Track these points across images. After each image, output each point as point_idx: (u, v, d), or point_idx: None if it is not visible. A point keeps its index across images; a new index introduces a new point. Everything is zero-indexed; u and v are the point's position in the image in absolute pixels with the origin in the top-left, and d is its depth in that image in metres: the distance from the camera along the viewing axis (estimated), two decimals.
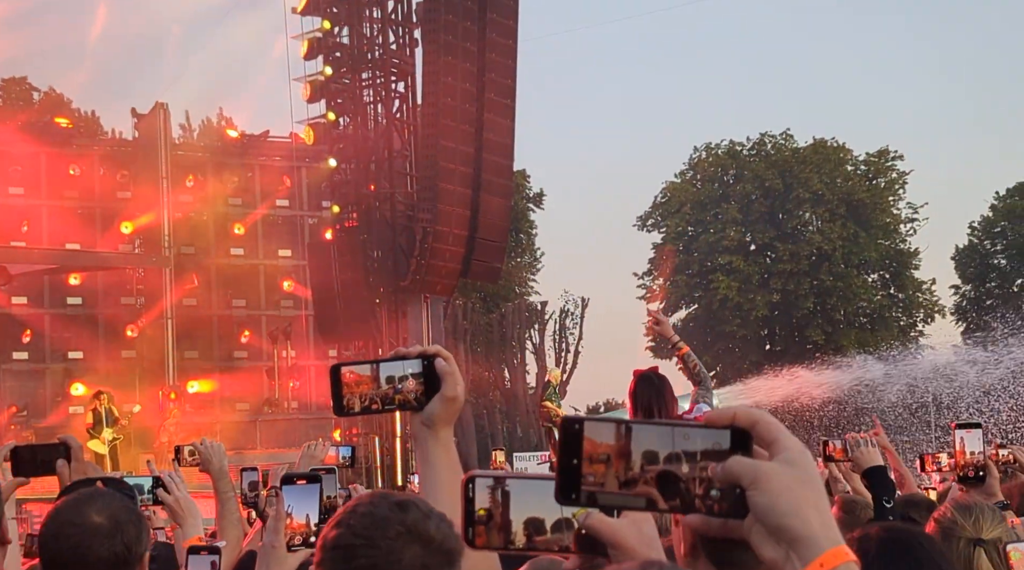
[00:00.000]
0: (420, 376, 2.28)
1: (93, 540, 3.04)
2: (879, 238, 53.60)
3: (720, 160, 55.53)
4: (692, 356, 6.56)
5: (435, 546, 2.12)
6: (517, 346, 47.31)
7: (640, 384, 6.09)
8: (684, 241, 54.96)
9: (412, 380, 2.28)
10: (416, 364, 2.29)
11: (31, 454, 4.06)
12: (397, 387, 2.29)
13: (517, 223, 49.70)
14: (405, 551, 2.11)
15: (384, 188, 30.76)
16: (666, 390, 6.07)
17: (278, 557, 2.92)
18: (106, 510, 3.11)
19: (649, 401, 5.95)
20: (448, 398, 2.28)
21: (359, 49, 30.93)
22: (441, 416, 2.28)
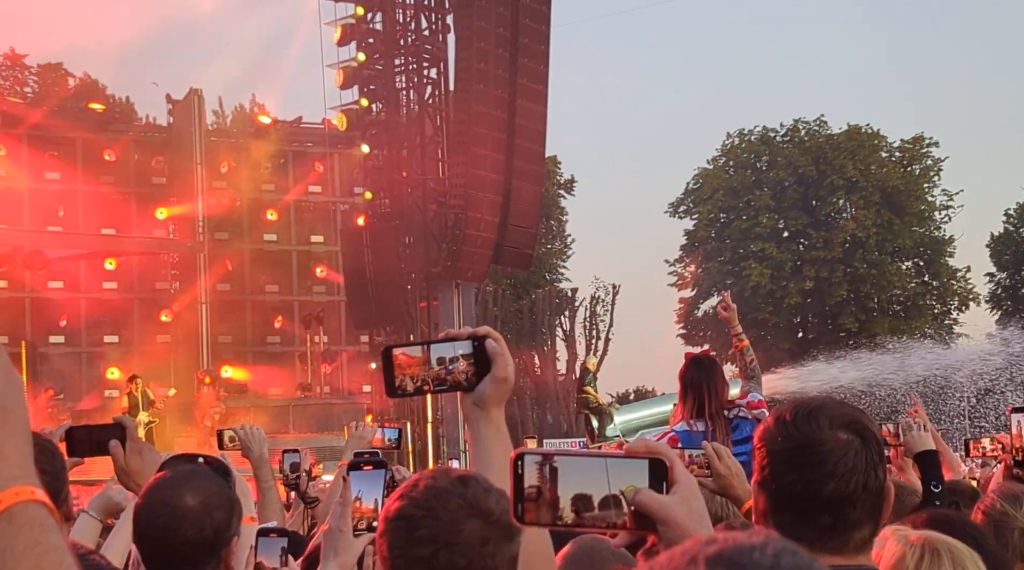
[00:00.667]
0: (471, 357, 2.30)
1: (183, 522, 3.11)
2: (913, 225, 53.22)
3: (753, 146, 55.23)
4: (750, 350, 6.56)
5: (494, 520, 2.18)
6: (547, 333, 47.28)
7: (691, 366, 6.11)
8: (716, 228, 54.75)
9: (463, 361, 2.29)
10: (467, 345, 2.30)
11: (87, 434, 4.09)
12: (448, 368, 2.29)
13: (548, 209, 49.66)
14: (465, 524, 2.17)
15: (416, 174, 30.82)
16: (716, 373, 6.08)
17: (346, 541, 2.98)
18: (201, 493, 3.18)
19: (700, 383, 5.96)
20: (499, 378, 2.29)
21: (392, 35, 30.96)
22: (492, 396, 2.29)
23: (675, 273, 56.89)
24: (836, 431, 2.17)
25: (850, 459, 2.14)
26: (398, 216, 30.76)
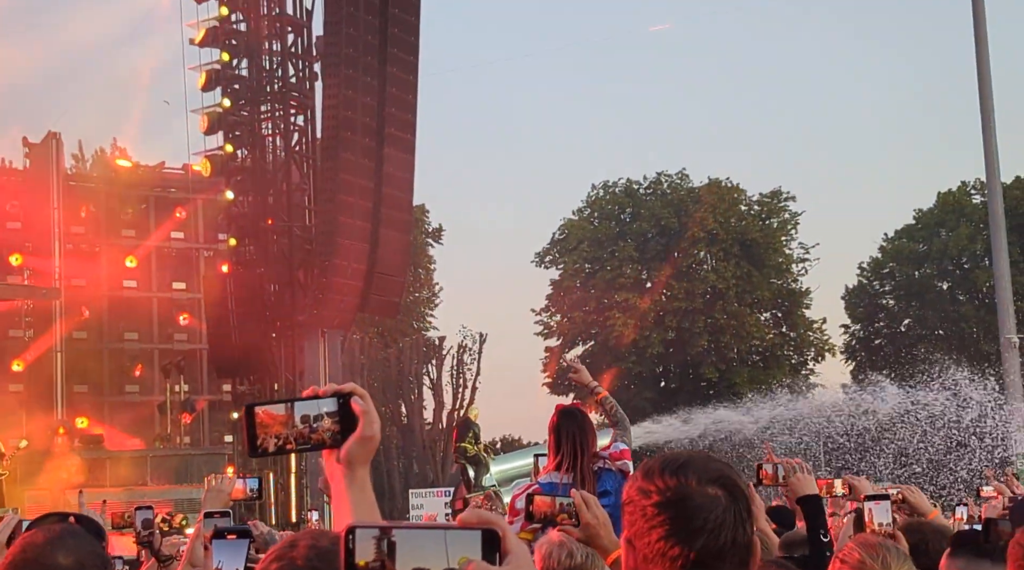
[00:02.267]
0: (335, 415, 2.23)
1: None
2: (771, 277, 54.55)
3: (617, 198, 56.11)
4: (610, 399, 6.63)
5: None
6: (414, 381, 47.09)
7: (562, 418, 6.13)
8: (581, 278, 55.34)
9: (327, 419, 2.22)
10: (331, 403, 2.23)
11: None
12: (312, 426, 2.23)
13: (416, 258, 49.60)
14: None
15: (282, 221, 30.53)
16: (586, 424, 6.11)
17: None
18: (74, 552, 3.04)
19: (572, 434, 5.97)
20: (365, 437, 2.23)
21: (258, 82, 30.74)
22: (358, 455, 2.22)
23: (541, 322, 57.27)
24: (705, 486, 2.18)
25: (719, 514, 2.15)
26: (263, 263, 30.38)
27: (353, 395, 2.25)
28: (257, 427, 2.23)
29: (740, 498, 2.21)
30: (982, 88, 32.75)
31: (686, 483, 2.19)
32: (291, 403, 2.26)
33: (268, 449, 2.25)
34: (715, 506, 2.17)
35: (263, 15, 30.93)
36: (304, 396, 2.29)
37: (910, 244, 54.81)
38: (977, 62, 32.69)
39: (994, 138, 32.79)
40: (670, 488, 2.18)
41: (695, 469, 2.21)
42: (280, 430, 2.23)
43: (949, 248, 53.19)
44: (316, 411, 2.23)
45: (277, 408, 2.25)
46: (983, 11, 32.46)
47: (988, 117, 32.68)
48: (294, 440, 2.24)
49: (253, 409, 2.25)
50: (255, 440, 2.23)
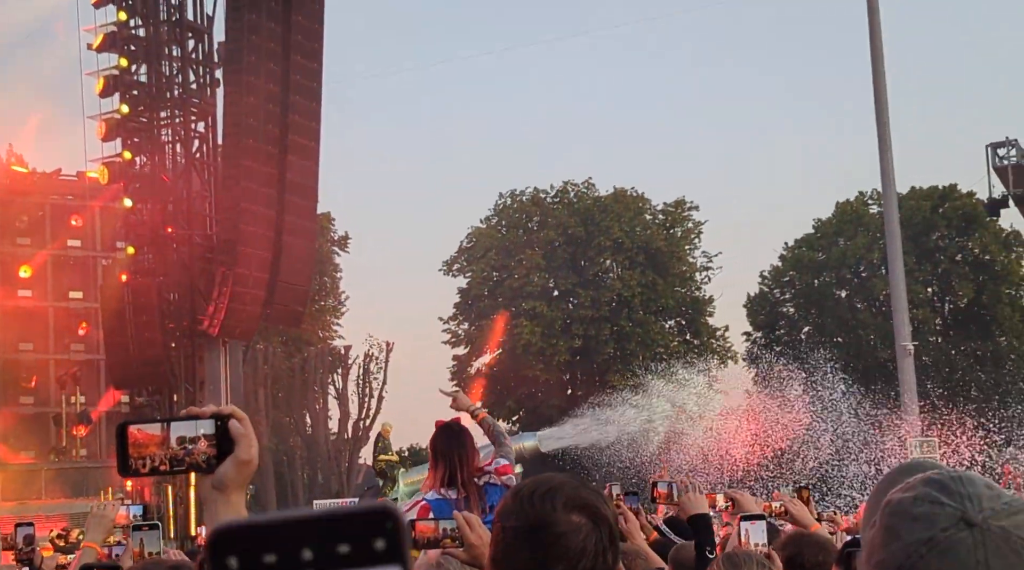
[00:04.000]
0: (212, 437, 2.19)
1: None
2: (676, 285, 55.15)
3: (524, 207, 56.31)
4: (488, 419, 6.72)
5: None
6: (320, 391, 46.73)
7: (441, 434, 6.15)
8: (489, 286, 55.41)
9: (204, 441, 2.18)
10: (209, 424, 2.19)
11: None
12: (188, 448, 2.19)
13: (322, 266, 49.24)
14: None
15: (182, 229, 30.08)
16: (466, 439, 6.13)
17: None
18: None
19: (450, 451, 5.99)
20: (241, 461, 2.18)
21: (157, 88, 30.28)
22: (233, 480, 2.18)
23: (449, 331, 57.21)
24: (570, 513, 2.19)
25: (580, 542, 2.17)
26: (162, 272, 29.91)
27: (232, 417, 2.22)
28: (130, 446, 2.19)
29: (604, 527, 2.24)
30: (878, 100, 33.46)
31: (551, 509, 2.20)
32: (167, 423, 2.22)
33: (140, 470, 2.21)
34: (577, 533, 2.18)
35: (163, 20, 30.51)
36: (181, 416, 2.25)
37: (809, 253, 55.78)
38: (873, 74, 33.40)
39: (890, 149, 33.52)
40: (535, 513, 2.19)
41: (562, 495, 2.23)
42: (155, 450, 2.19)
43: (847, 257, 54.24)
44: (193, 432, 2.20)
45: (153, 427, 2.21)
46: (879, 23, 33.18)
47: (884, 128, 33.39)
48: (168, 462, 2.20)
49: (127, 427, 2.21)
50: (127, 460, 2.19)
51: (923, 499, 1.43)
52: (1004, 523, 1.41)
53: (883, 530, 1.42)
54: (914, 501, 1.43)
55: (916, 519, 1.41)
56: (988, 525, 1.41)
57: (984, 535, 1.40)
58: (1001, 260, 53.91)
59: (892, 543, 1.40)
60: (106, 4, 29.86)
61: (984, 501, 1.43)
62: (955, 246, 54.59)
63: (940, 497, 1.42)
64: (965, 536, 1.39)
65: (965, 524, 1.40)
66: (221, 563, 0.76)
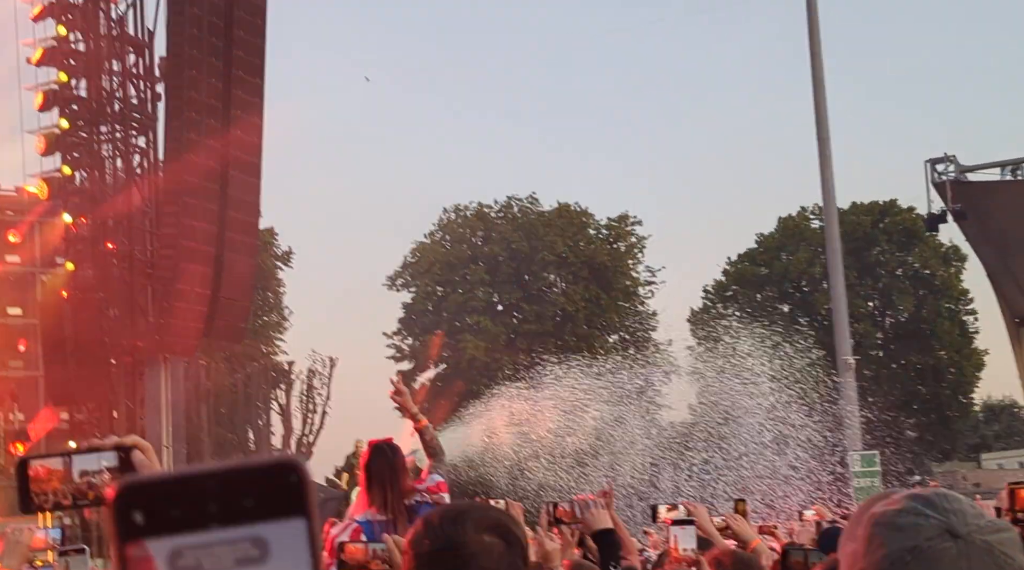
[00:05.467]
0: (116, 469, 2.16)
1: None
2: (620, 300, 55.39)
3: (469, 221, 56.38)
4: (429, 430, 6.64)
5: None
6: (263, 407, 46.48)
7: (373, 455, 6.13)
8: (433, 301, 55.37)
9: (107, 473, 2.16)
10: (112, 456, 2.17)
11: None
12: (92, 482, 2.17)
13: (265, 281, 48.97)
14: None
15: (122, 245, 29.79)
16: (398, 460, 6.12)
17: None
18: None
19: (382, 472, 5.99)
20: None
21: (98, 102, 29.99)
22: None
23: (393, 346, 57.07)
24: (481, 534, 2.21)
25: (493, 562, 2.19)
26: (103, 288, 29.60)
27: (135, 448, 2.20)
28: (31, 482, 2.17)
29: (516, 546, 2.26)
30: (818, 115, 33.85)
31: (463, 530, 2.22)
32: (69, 456, 2.20)
33: (44, 505, 2.18)
34: (489, 553, 2.20)
35: (103, 35, 30.23)
36: (82, 449, 2.22)
37: (752, 267, 56.27)
38: (813, 89, 33.76)
39: (831, 164, 33.87)
40: (447, 536, 2.21)
41: (472, 517, 2.25)
42: (57, 485, 2.17)
43: (789, 271, 54.79)
44: (96, 466, 2.18)
45: (54, 462, 2.19)
46: (818, 37, 33.54)
47: (825, 144, 33.76)
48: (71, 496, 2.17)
49: (26, 463, 2.18)
50: (28, 496, 2.16)
51: (908, 511, 1.45)
52: (988, 538, 1.43)
53: (867, 540, 1.44)
54: (899, 513, 1.45)
55: (901, 529, 1.43)
56: (972, 538, 1.42)
57: (969, 547, 1.41)
58: (941, 274, 54.71)
59: (875, 552, 1.41)
60: (45, 18, 29.56)
61: (969, 517, 1.45)
62: (896, 261, 55.33)
63: (925, 510, 1.44)
64: (950, 546, 1.41)
65: (950, 535, 1.42)
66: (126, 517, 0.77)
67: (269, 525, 0.77)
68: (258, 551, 0.77)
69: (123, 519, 0.79)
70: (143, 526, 0.77)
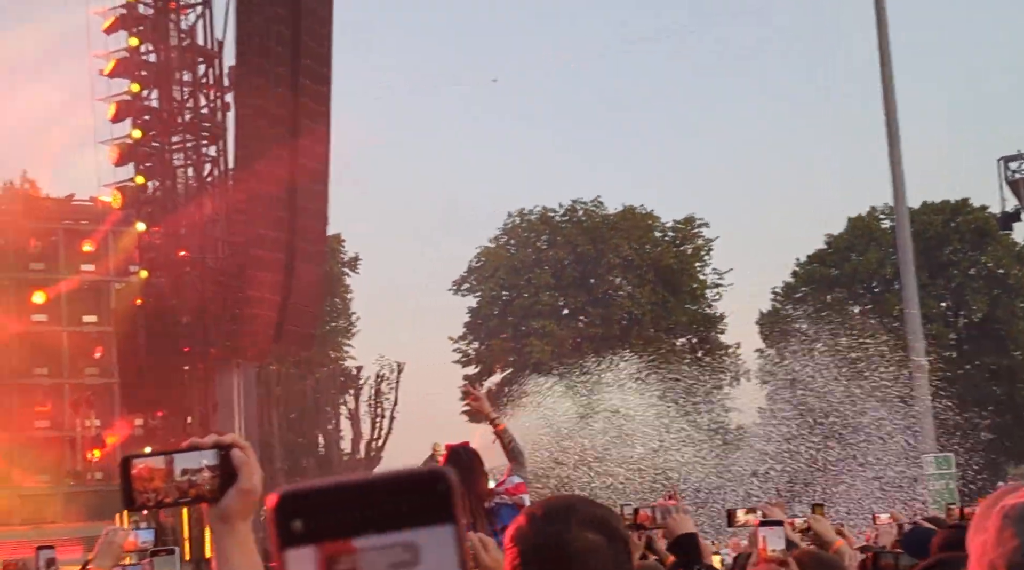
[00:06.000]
0: (216, 468, 2.19)
1: None
2: (687, 303, 55.08)
3: (533, 226, 56.38)
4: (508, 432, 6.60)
5: None
6: (332, 412, 46.80)
7: (450, 460, 6.13)
8: (499, 305, 55.42)
9: (207, 471, 2.18)
10: (212, 455, 2.19)
11: None
12: (192, 480, 2.19)
13: (332, 287, 49.34)
14: None
15: (195, 253, 30.18)
16: (475, 465, 6.12)
17: None
18: None
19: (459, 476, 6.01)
20: (244, 490, 2.17)
21: (169, 112, 30.42)
22: (237, 510, 2.18)
23: (459, 350, 57.20)
24: (585, 531, 2.20)
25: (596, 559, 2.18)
26: (175, 296, 29.99)
27: (234, 447, 2.23)
28: (135, 480, 2.19)
29: (619, 543, 2.25)
30: (889, 114, 33.44)
31: (566, 527, 2.21)
32: (171, 455, 2.22)
33: (147, 503, 2.21)
34: (594, 552, 2.20)
35: (173, 45, 30.65)
36: (184, 447, 2.25)
37: (822, 269, 55.69)
38: (883, 87, 33.37)
39: (901, 163, 33.45)
40: (550, 533, 2.21)
41: (576, 514, 2.24)
42: (159, 484, 2.19)
43: (859, 272, 54.14)
44: (197, 464, 2.20)
45: (157, 461, 2.21)
46: (888, 36, 33.17)
47: (895, 143, 33.34)
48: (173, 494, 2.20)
49: (130, 461, 2.21)
50: (131, 494, 2.19)
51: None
52: None
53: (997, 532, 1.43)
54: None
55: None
56: None
57: None
58: (1015, 273, 53.80)
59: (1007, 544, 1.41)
60: (117, 30, 30.05)
61: None
62: (968, 260, 54.48)
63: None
64: None
65: None
66: (286, 525, 0.80)
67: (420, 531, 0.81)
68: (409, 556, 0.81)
69: (283, 526, 0.82)
70: (302, 533, 0.81)
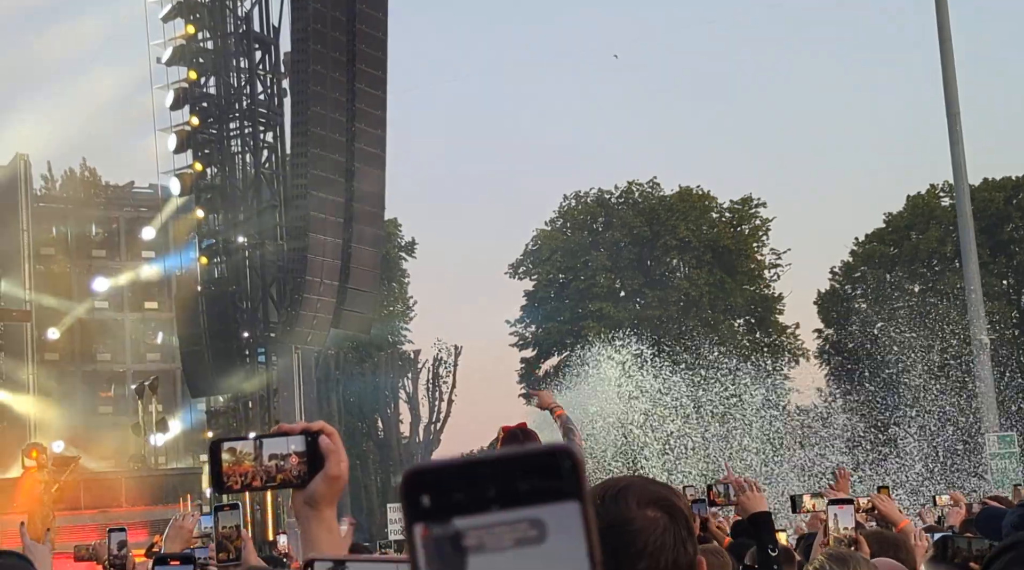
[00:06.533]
0: (303, 453, 2.22)
1: None
2: (744, 284, 54.74)
3: (589, 208, 56.25)
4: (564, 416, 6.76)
5: None
6: (390, 395, 47.07)
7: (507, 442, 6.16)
8: (555, 288, 55.40)
9: (295, 457, 2.22)
10: (299, 441, 2.23)
11: None
12: (280, 464, 2.22)
13: (390, 272, 49.57)
14: None
15: (253, 239, 30.46)
16: None
17: None
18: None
19: None
20: (331, 476, 2.21)
21: (226, 99, 30.69)
22: (324, 495, 2.21)
23: (516, 333, 57.27)
24: (644, 509, 2.19)
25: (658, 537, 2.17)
26: (235, 281, 30.31)
27: (321, 433, 2.25)
28: (224, 463, 2.23)
29: (680, 519, 2.23)
30: (948, 91, 32.96)
31: (626, 507, 2.20)
32: (260, 440, 2.26)
33: (234, 487, 2.25)
34: (655, 529, 2.19)
35: (230, 32, 30.91)
36: (272, 433, 2.28)
37: (881, 247, 55.08)
38: (942, 63, 32.89)
39: (961, 140, 32.96)
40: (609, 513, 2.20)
41: (634, 492, 2.22)
42: (247, 467, 2.23)
43: (920, 250, 53.50)
44: (285, 449, 2.23)
45: (246, 445, 2.24)
46: (947, 10, 32.67)
47: (955, 120, 32.86)
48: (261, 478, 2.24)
49: (220, 445, 2.25)
50: (220, 476, 2.23)
51: None
52: None
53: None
54: None
55: None
56: None
57: None
58: None
59: None
60: (174, 18, 30.34)
61: None
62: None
63: None
64: None
65: None
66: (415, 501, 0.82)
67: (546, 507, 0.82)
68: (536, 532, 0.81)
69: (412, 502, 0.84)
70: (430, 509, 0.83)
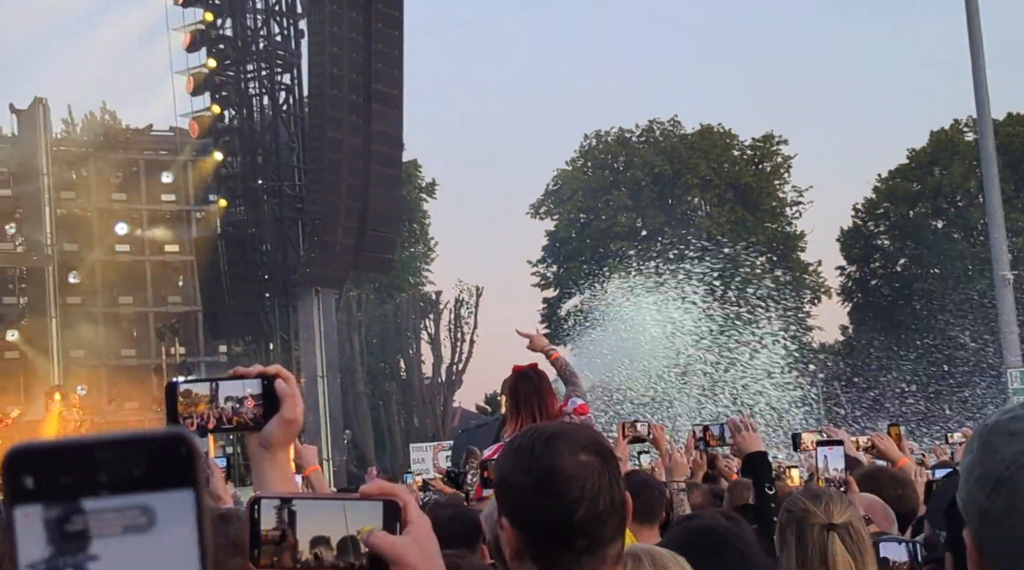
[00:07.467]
0: (259, 396, 2.23)
1: None
2: (766, 221, 54.51)
3: (610, 147, 55.96)
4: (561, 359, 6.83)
5: None
6: (412, 337, 47.21)
7: (519, 381, 6.20)
8: (576, 228, 55.28)
9: (251, 400, 2.22)
10: (256, 384, 2.23)
11: None
12: (236, 407, 2.23)
13: (410, 213, 49.53)
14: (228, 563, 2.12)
15: (272, 181, 30.45)
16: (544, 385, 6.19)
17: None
18: None
19: (529, 397, 6.07)
20: (287, 420, 2.21)
21: (243, 41, 30.55)
22: (278, 438, 2.21)
23: (538, 273, 57.28)
24: (577, 455, 2.19)
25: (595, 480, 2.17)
26: (254, 224, 30.35)
27: (278, 377, 2.25)
28: (180, 404, 2.24)
29: (610, 460, 2.24)
30: (971, 23, 32.49)
31: (558, 454, 2.19)
32: (215, 382, 2.27)
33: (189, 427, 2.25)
34: (590, 473, 2.18)
35: None
36: (228, 376, 2.29)
37: (904, 184, 54.70)
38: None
39: (984, 74, 32.53)
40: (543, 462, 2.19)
41: (565, 440, 2.22)
42: (203, 409, 2.23)
43: (943, 186, 53.10)
44: (241, 392, 2.23)
45: (202, 387, 2.25)
46: None
47: (978, 53, 32.40)
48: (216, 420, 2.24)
49: (176, 386, 2.25)
50: (176, 418, 2.24)
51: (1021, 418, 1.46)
52: None
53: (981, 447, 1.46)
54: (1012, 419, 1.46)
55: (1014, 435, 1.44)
56: None
57: None
58: None
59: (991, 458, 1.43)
60: None
61: None
62: None
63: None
64: None
65: None
66: (17, 482, 0.79)
67: (157, 495, 0.80)
68: (145, 519, 0.79)
69: (14, 482, 0.80)
70: (33, 490, 0.79)
